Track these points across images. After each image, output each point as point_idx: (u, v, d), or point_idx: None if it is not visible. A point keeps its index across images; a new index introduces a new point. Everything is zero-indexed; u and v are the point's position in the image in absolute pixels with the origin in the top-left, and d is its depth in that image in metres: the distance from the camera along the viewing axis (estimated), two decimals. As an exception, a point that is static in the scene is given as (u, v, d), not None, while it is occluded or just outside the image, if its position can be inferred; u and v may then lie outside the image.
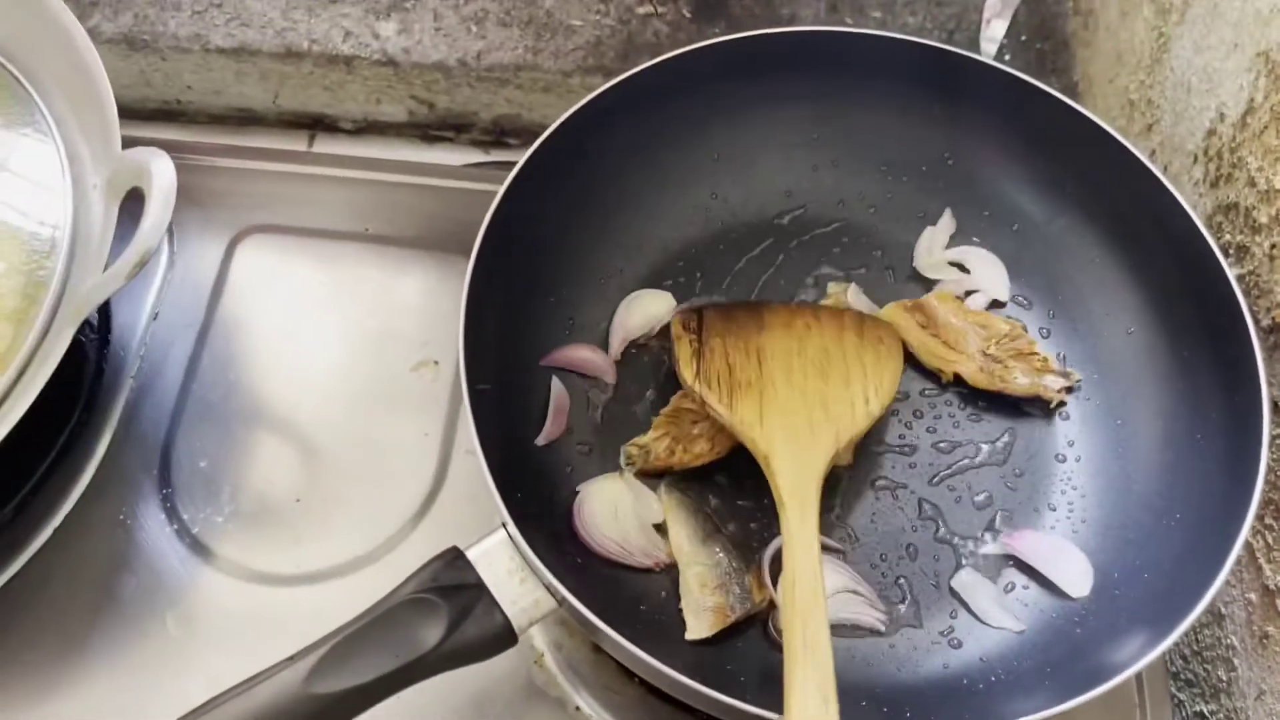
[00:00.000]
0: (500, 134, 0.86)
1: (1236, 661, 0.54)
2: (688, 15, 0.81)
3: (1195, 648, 0.58)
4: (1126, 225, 0.56)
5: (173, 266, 0.63)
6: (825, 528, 0.53)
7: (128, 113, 0.58)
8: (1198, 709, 0.57)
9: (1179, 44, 0.63)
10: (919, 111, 0.60)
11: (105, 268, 0.49)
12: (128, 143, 0.53)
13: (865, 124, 0.61)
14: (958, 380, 0.57)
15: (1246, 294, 0.54)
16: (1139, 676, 0.52)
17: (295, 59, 0.80)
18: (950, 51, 0.58)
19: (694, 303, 0.59)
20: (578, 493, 0.53)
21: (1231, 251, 0.56)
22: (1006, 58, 0.80)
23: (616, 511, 0.53)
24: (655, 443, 0.54)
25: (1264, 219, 0.53)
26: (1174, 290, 0.54)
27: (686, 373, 0.52)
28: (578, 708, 0.52)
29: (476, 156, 0.86)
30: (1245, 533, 0.46)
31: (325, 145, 0.86)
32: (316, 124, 0.87)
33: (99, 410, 0.58)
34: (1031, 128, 0.58)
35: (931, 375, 0.57)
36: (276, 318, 0.63)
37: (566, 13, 0.81)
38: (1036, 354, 0.56)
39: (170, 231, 0.63)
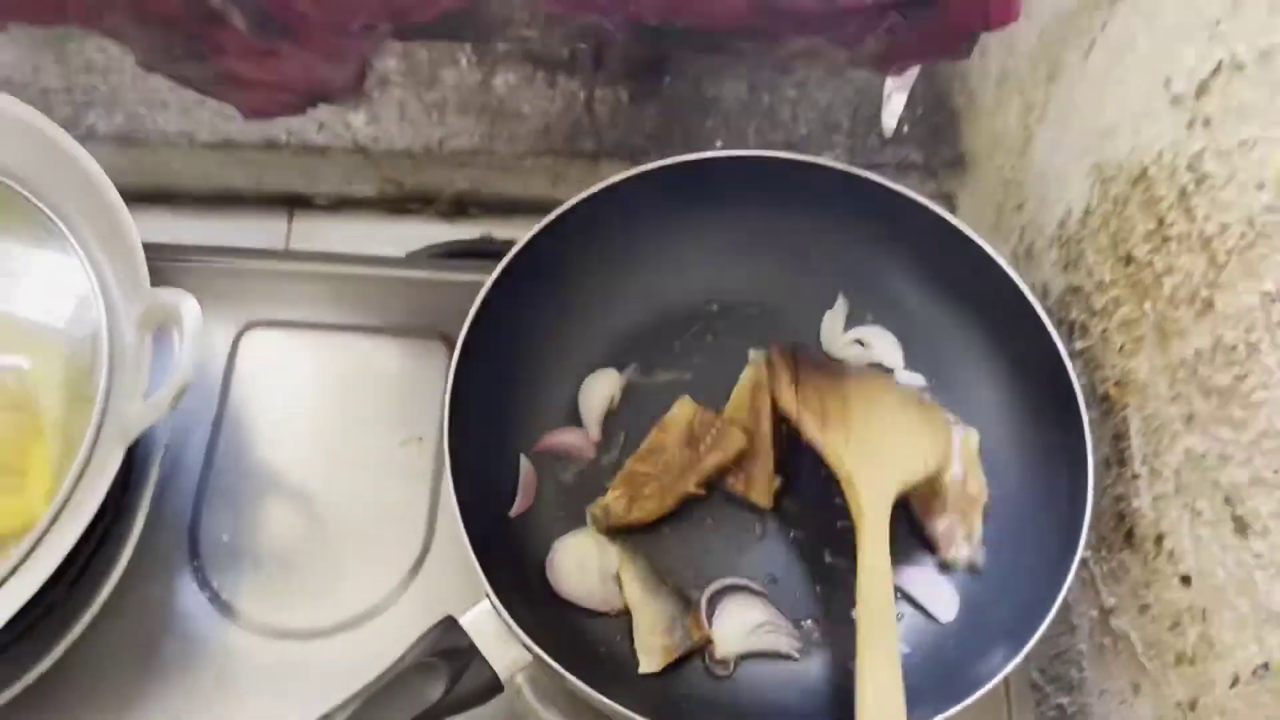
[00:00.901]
0: (462, 205, 0.96)
1: (1085, 664, 0.66)
2: (626, 99, 0.91)
3: (1056, 651, 0.70)
4: (987, 309, 0.68)
5: (186, 363, 0.73)
6: (750, 570, 0.65)
7: (121, 194, 0.67)
8: (1058, 702, 0.69)
9: (1041, 139, 0.75)
10: (820, 217, 0.70)
11: (144, 394, 0.59)
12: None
13: (777, 228, 0.72)
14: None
15: (1086, 366, 0.66)
16: (1005, 680, 0.64)
17: (274, 149, 0.90)
18: (842, 170, 0.69)
19: (786, 342, 0.67)
20: (552, 548, 0.64)
21: (1076, 328, 0.68)
22: (905, 129, 0.91)
23: (583, 565, 0.64)
24: (614, 502, 0.65)
25: (1099, 305, 0.65)
26: (1027, 363, 0.66)
27: (787, 398, 0.61)
28: (553, 732, 0.63)
29: (441, 226, 0.97)
30: (1076, 563, 0.58)
31: (303, 221, 0.96)
32: (294, 202, 0.96)
33: (132, 496, 0.68)
34: (909, 229, 0.69)
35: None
36: (280, 404, 0.72)
37: (517, 100, 0.90)
38: (971, 521, 0.64)
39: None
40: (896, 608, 0.63)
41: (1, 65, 0.87)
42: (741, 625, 0.62)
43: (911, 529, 0.64)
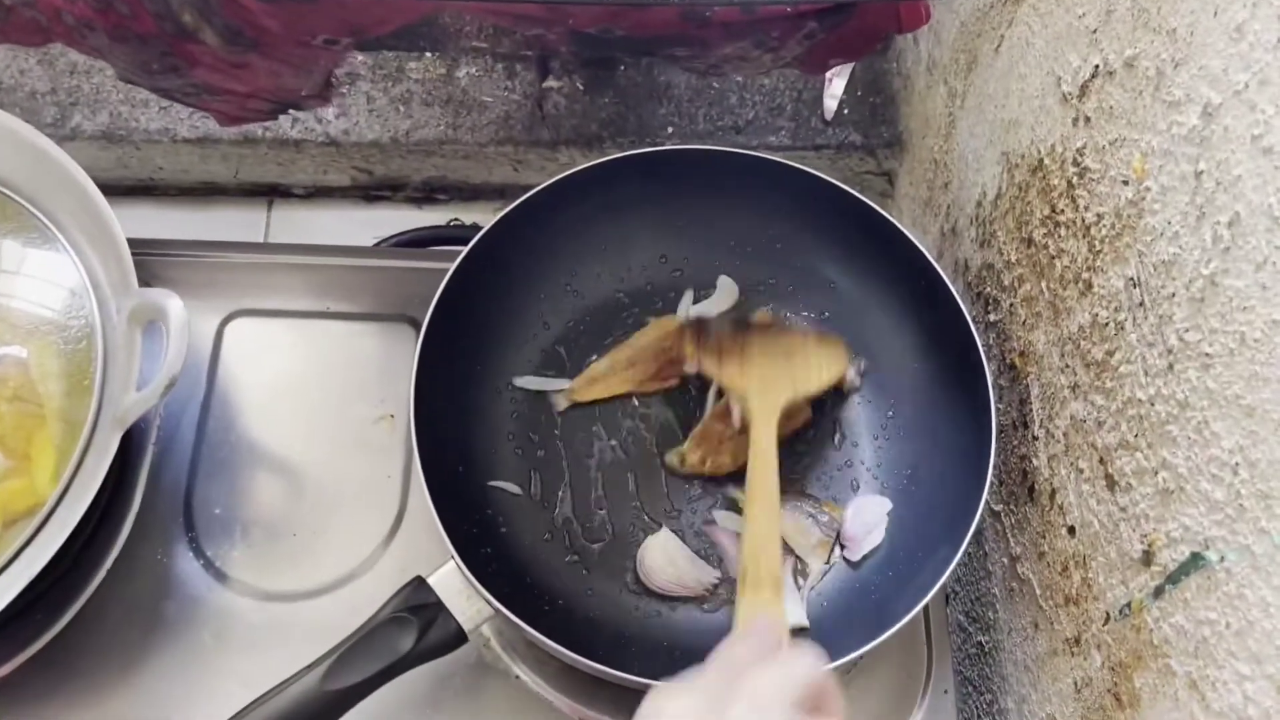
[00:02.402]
0: (430, 191, 1.02)
1: (998, 606, 0.73)
2: (581, 88, 0.96)
3: (976, 595, 0.77)
4: (909, 289, 0.74)
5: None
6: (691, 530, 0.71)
7: (106, 189, 0.72)
8: (978, 640, 0.77)
9: (961, 124, 0.80)
10: (759, 203, 0.76)
11: (137, 384, 0.65)
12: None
13: (721, 214, 0.78)
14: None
15: (997, 337, 0.73)
16: (927, 615, 0.71)
17: (251, 144, 0.95)
18: (778, 162, 0.74)
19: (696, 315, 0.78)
20: (640, 547, 0.71)
21: (990, 302, 0.74)
22: (846, 111, 0.97)
23: (672, 559, 0.71)
24: (690, 453, 0.73)
25: (1006, 281, 0.71)
26: (943, 336, 0.72)
27: (688, 349, 0.72)
28: (517, 676, 0.70)
29: (412, 212, 1.02)
30: (980, 511, 0.64)
31: (282, 209, 1.01)
32: (272, 191, 1.02)
33: (130, 473, 0.74)
34: (837, 213, 0.75)
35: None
36: (264, 385, 0.79)
37: (479, 90, 0.96)
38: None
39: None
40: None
41: (-10, 70, 0.93)
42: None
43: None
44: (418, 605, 0.62)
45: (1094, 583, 0.59)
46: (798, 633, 0.68)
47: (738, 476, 0.71)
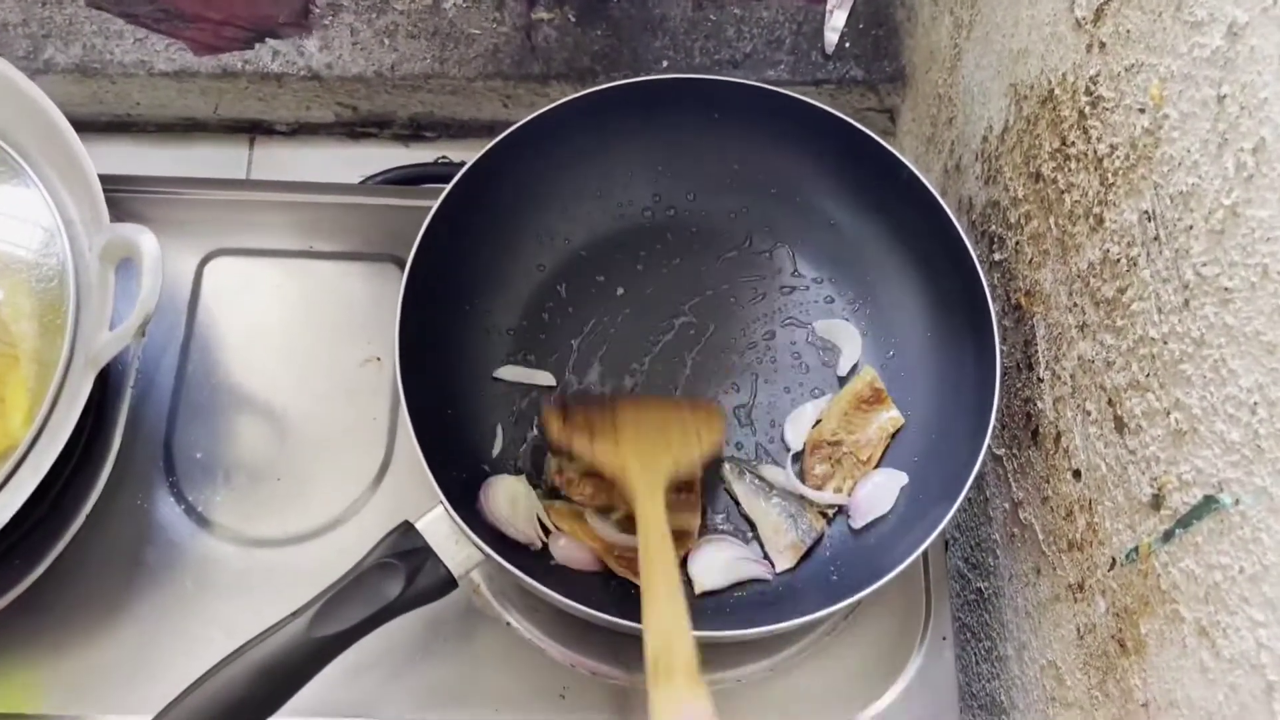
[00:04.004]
0: (417, 128, 0.99)
1: (999, 552, 0.72)
2: (573, 20, 0.93)
3: (976, 541, 0.76)
4: (912, 226, 0.71)
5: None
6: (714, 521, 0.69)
7: (83, 126, 0.69)
8: (978, 586, 0.75)
9: (967, 56, 0.77)
10: (756, 136, 0.74)
11: (109, 325, 0.63)
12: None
13: (716, 147, 0.75)
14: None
15: (1003, 276, 0.71)
16: (926, 561, 0.70)
17: (230, 78, 0.92)
18: (777, 92, 0.72)
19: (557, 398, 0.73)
20: (487, 481, 0.68)
21: (995, 240, 0.72)
22: (847, 45, 0.94)
23: (515, 503, 0.67)
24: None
25: (1013, 219, 0.69)
26: (946, 275, 0.70)
27: (553, 428, 0.66)
28: (509, 623, 0.69)
29: (398, 150, 0.99)
30: (982, 455, 0.62)
31: (264, 147, 0.98)
32: (254, 128, 0.99)
33: (108, 417, 0.72)
34: (838, 148, 0.72)
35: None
36: (245, 327, 0.76)
37: (467, 22, 0.92)
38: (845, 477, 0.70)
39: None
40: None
41: (-43, 0, 0.89)
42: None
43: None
44: (405, 551, 0.60)
45: (1099, 527, 0.57)
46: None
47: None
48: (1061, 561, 0.62)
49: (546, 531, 0.67)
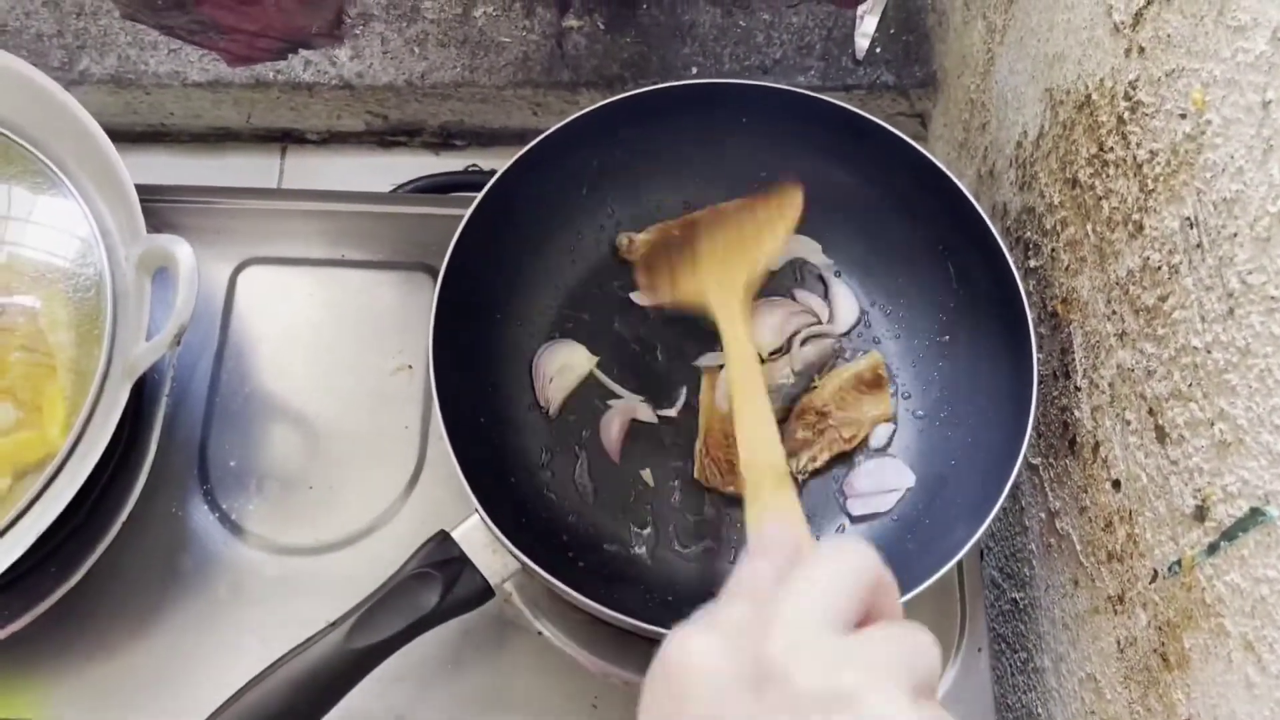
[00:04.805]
0: (447, 136, 0.99)
1: (1035, 562, 0.71)
2: (602, 27, 0.93)
3: (1012, 551, 0.75)
4: (946, 231, 0.71)
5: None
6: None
7: (118, 136, 0.70)
8: (1013, 596, 0.75)
9: (1001, 61, 0.77)
10: (786, 141, 0.73)
11: (147, 334, 0.63)
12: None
13: (747, 151, 0.75)
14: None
15: (1038, 284, 0.70)
16: (960, 571, 0.69)
17: (263, 88, 0.92)
18: (811, 96, 0.71)
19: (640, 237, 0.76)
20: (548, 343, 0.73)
21: (1030, 247, 0.71)
22: (878, 50, 0.93)
23: (563, 371, 0.72)
24: (643, 242, 0.73)
25: (1049, 225, 0.68)
26: (982, 282, 0.69)
27: (642, 283, 0.71)
28: (540, 632, 0.68)
29: (429, 158, 0.99)
30: (1019, 464, 0.62)
31: (296, 156, 0.99)
32: (286, 136, 0.99)
33: (144, 425, 0.72)
34: (868, 154, 0.72)
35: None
36: (278, 335, 0.77)
37: (496, 30, 0.92)
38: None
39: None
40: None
41: (-5, 12, 0.90)
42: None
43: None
44: (442, 560, 0.60)
45: (1140, 539, 0.56)
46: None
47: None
48: (1100, 573, 0.61)
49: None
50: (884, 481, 0.70)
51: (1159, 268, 0.54)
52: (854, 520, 0.69)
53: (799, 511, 0.47)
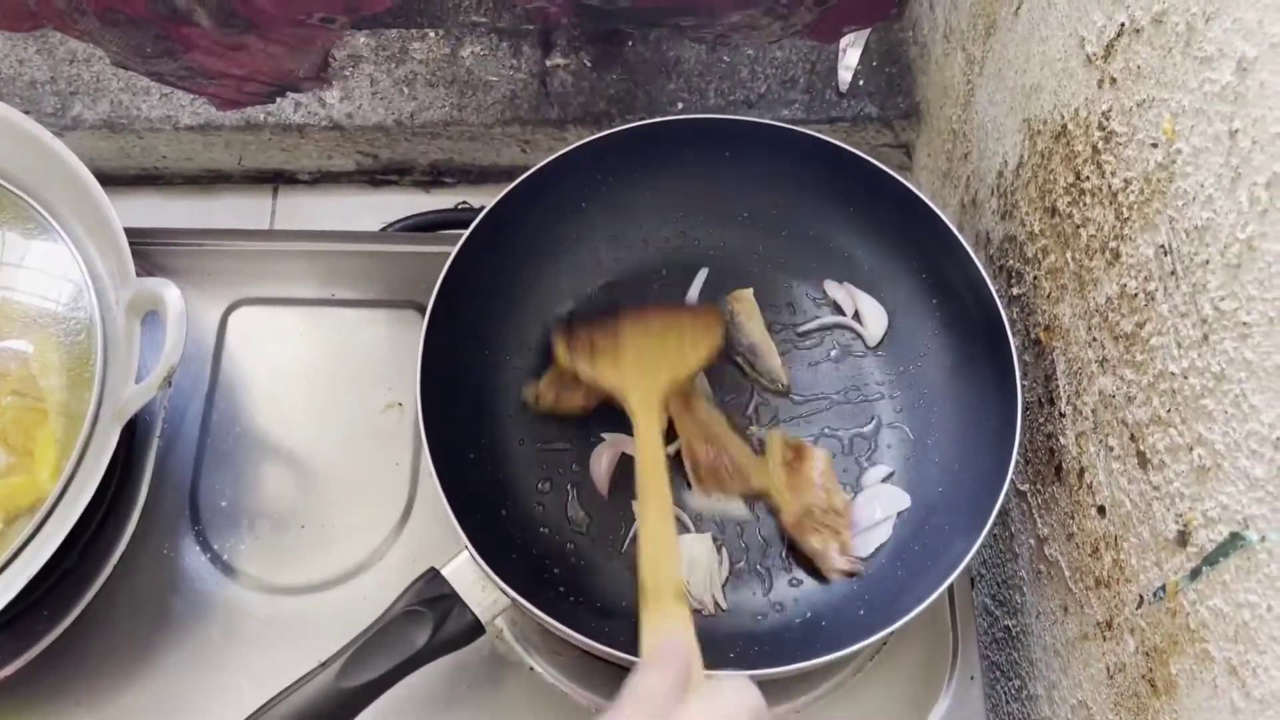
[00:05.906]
0: (438, 175, 1.00)
1: (1025, 589, 0.71)
2: (588, 65, 0.94)
3: (1003, 578, 0.75)
4: (929, 261, 0.72)
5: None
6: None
7: (111, 180, 0.71)
8: (1005, 624, 0.75)
9: (980, 92, 0.78)
10: (771, 174, 0.74)
11: (136, 376, 0.64)
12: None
13: (733, 186, 0.76)
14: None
15: (1021, 311, 0.70)
16: (952, 599, 0.69)
17: (254, 130, 0.93)
18: (795, 130, 0.72)
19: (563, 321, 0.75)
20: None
21: (1013, 275, 0.72)
22: (861, 82, 0.94)
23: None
24: (545, 391, 0.71)
25: (1030, 253, 0.69)
26: (965, 310, 0.70)
27: (560, 353, 0.69)
28: (532, 668, 0.68)
29: (420, 196, 1.00)
30: (1005, 490, 0.62)
31: (288, 195, 1.00)
32: (278, 177, 1.00)
33: (135, 467, 0.73)
34: (852, 185, 0.72)
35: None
36: (268, 375, 0.77)
37: (484, 69, 0.94)
38: (842, 535, 0.68)
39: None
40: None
41: (-12, 60, 0.91)
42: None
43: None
44: (432, 598, 0.61)
45: (1126, 564, 0.57)
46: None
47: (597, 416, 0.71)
48: (1089, 599, 0.61)
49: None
50: (875, 511, 0.70)
51: (1136, 294, 0.54)
52: (880, 570, 0.68)
53: (691, 629, 0.51)
